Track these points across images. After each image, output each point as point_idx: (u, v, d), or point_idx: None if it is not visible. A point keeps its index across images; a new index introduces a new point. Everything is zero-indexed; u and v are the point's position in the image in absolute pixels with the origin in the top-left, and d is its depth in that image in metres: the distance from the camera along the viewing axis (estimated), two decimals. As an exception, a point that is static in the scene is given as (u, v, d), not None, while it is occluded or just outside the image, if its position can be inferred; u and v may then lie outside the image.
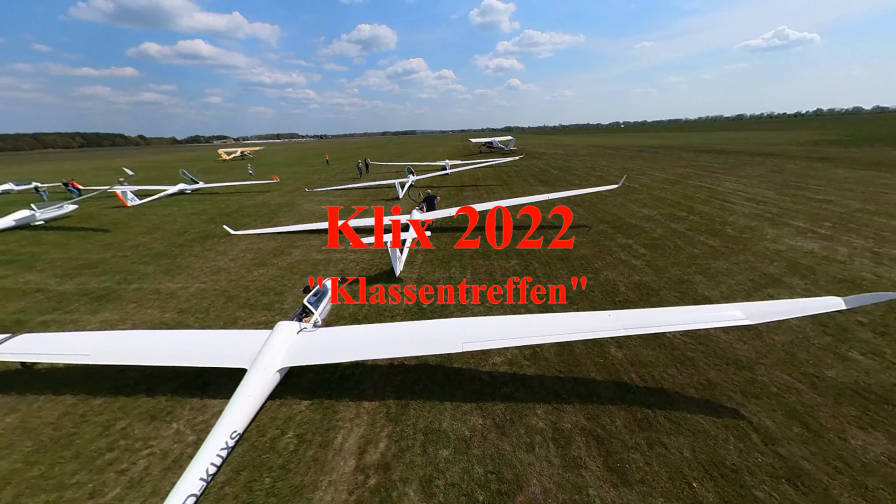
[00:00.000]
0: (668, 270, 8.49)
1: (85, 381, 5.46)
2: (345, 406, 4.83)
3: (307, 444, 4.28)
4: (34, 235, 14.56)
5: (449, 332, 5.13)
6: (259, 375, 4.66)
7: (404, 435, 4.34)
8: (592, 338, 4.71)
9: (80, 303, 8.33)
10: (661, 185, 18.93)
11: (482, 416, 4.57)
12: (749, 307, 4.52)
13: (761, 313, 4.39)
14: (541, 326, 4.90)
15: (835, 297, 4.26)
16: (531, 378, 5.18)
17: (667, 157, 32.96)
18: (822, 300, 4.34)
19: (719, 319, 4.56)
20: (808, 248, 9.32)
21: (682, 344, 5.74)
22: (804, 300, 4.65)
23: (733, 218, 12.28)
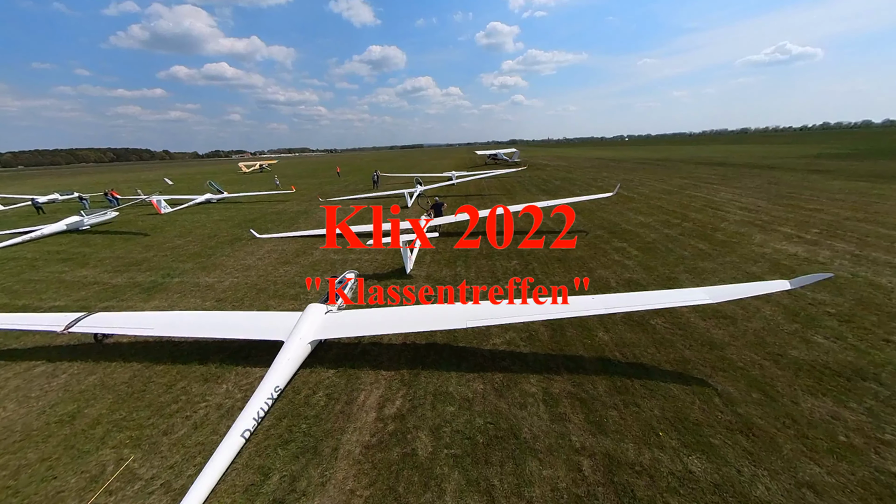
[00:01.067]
0: (657, 270, 9.16)
1: (147, 353, 6.47)
2: (365, 374, 5.67)
3: (335, 401, 5.11)
4: (83, 238, 16.16)
5: (455, 313, 5.95)
6: (295, 345, 5.58)
7: (416, 395, 5.13)
8: (579, 315, 5.44)
9: (133, 293, 9.50)
10: (658, 195, 19.60)
11: (483, 382, 5.33)
12: (711, 290, 5.24)
13: (720, 294, 5.10)
14: (534, 308, 5.68)
15: (782, 280, 4.96)
16: (526, 355, 5.93)
17: (667, 169, 33.58)
18: (771, 283, 5.03)
19: (686, 300, 5.27)
20: (791, 251, 9.86)
21: (663, 329, 6.41)
22: (756, 283, 5.30)
23: (724, 224, 12.87)
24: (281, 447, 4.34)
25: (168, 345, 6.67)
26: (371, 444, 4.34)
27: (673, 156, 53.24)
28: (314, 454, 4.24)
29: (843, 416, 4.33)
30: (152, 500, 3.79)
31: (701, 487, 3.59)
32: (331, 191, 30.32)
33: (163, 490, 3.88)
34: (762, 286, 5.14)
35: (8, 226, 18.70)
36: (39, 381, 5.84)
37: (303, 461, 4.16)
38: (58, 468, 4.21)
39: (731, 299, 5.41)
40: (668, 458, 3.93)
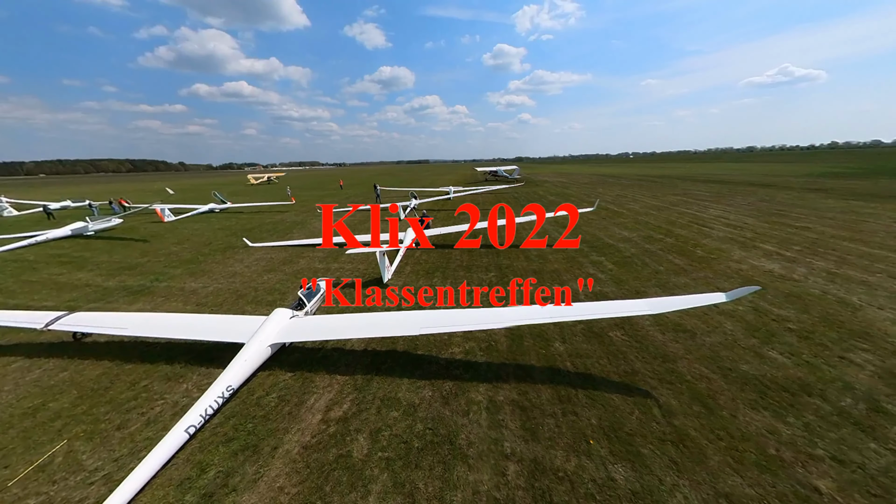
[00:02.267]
0: (628, 283, 9.24)
1: (120, 352, 6.74)
2: (321, 378, 5.82)
3: (286, 402, 5.26)
4: (86, 243, 16.89)
5: (411, 320, 6.13)
6: (254, 347, 5.80)
7: (365, 400, 5.25)
8: (529, 323, 5.56)
9: (120, 295, 9.90)
10: (647, 211, 19.74)
11: (432, 390, 5.43)
12: (652, 301, 5.34)
13: (660, 305, 5.20)
14: (488, 316, 5.83)
15: (718, 293, 5.06)
16: (480, 364, 6.02)
17: (663, 186, 33.79)
18: (709, 295, 5.13)
19: (629, 310, 5.36)
20: (768, 268, 9.85)
21: (621, 341, 6.46)
22: (695, 295, 5.38)
23: (706, 241, 12.91)
24: (223, 444, 4.49)
25: (141, 345, 6.94)
26: (309, 445, 4.46)
27: (673, 173, 53.56)
28: (253, 452, 4.37)
29: (778, 430, 4.32)
30: (91, 490, 3.94)
31: (619, 495, 3.62)
32: (331, 203, 31.17)
33: (103, 481, 4.04)
34: (700, 298, 5.23)
35: (18, 229, 19.63)
36: (14, 376, 6.12)
37: (241, 458, 4.29)
38: (11, 457, 4.41)
39: (670, 311, 5.48)
40: (594, 465, 3.97)
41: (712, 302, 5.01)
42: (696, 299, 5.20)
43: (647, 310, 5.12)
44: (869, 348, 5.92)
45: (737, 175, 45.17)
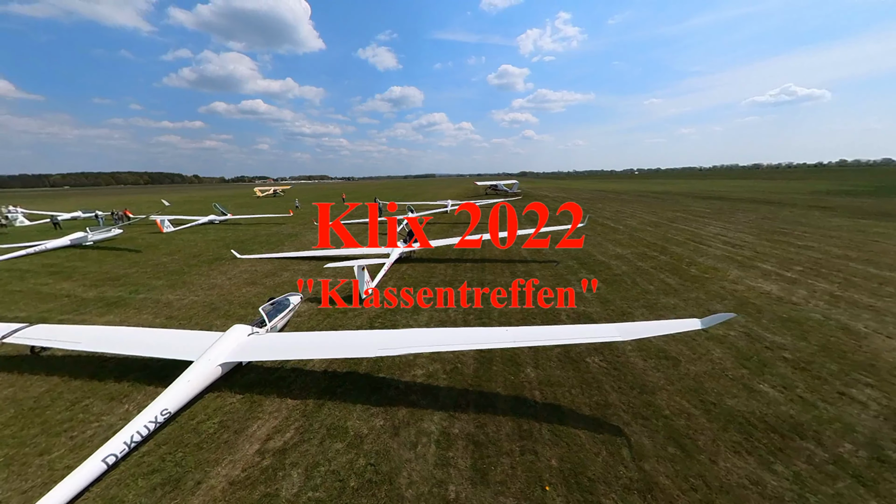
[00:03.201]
0: (614, 304, 8.75)
1: (73, 368, 6.49)
2: (271, 401, 5.44)
3: (226, 429, 4.88)
4: (82, 253, 17.09)
5: (371, 340, 5.77)
6: (202, 366, 5.48)
7: (311, 429, 4.84)
8: (487, 348, 5.14)
9: (95, 307, 9.77)
10: (644, 227, 19.27)
11: (385, 418, 5.00)
12: (623, 326, 4.90)
13: (631, 331, 4.76)
14: (446, 338, 5.45)
15: (693, 319, 4.61)
16: (441, 389, 5.58)
17: (663, 202, 33.32)
18: (683, 321, 4.67)
19: (597, 336, 4.92)
20: (765, 290, 9.27)
21: (597, 367, 5.97)
22: (669, 321, 4.91)
23: (702, 259, 12.37)
24: (144, 477, 4.11)
25: (97, 360, 6.68)
26: (237, 480, 4.05)
27: (675, 189, 53.07)
28: (174, 487, 3.98)
29: (763, 481, 3.76)
30: (-14, 528, 3.58)
31: (567, 559, 3.10)
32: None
33: (2, 517, 3.68)
34: (674, 324, 4.78)
35: (26, 239, 20.06)
36: (-42, 392, 5.89)
37: (159, 494, 3.89)
38: (-82, 485, 4.09)
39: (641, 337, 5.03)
40: (545, 519, 3.47)
41: (686, 329, 4.57)
42: (670, 325, 4.76)
43: (616, 336, 4.68)
44: (874, 383, 5.32)
45: (740, 192, 44.48)
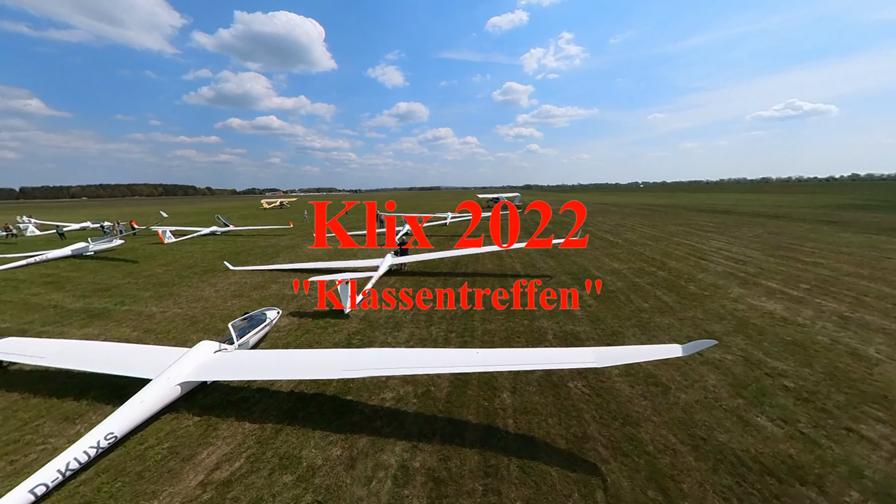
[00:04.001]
0: (605, 322, 8.31)
1: (37, 383, 6.30)
2: (228, 425, 5.13)
3: (174, 455, 4.58)
4: (81, 263, 17.31)
5: (335, 361, 5.48)
6: (158, 386, 5.24)
7: (263, 457, 4.51)
8: (455, 372, 4.80)
9: (77, 318, 9.69)
10: (644, 241, 18.79)
11: (343, 447, 4.64)
12: (599, 351, 4.52)
13: (609, 357, 4.37)
14: (412, 360, 5.12)
15: (674, 345, 4.21)
16: (409, 415, 5.21)
17: (666, 215, 32.75)
18: (664, 347, 4.28)
19: (572, 361, 4.54)
20: (768, 309, 8.72)
21: (579, 394, 5.53)
22: (650, 347, 4.51)
23: (703, 276, 11.85)
24: (73, 511, 3.81)
25: (63, 375, 6.50)
26: (171, 517, 3.72)
27: (679, 202, 52.42)
28: (102, 524, 3.66)
29: (755, 537, 3.29)
30: None
31: None
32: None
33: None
34: (653, 351, 4.39)
35: (31, 249, 20.51)
36: (-85, 408, 5.72)
37: (83, 532, 3.58)
38: None
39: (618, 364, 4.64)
40: (499, 577, 3.04)
41: (666, 355, 4.19)
42: (650, 351, 4.38)
43: (591, 362, 4.31)
44: (886, 418, 4.79)
45: (747, 205, 43.63)
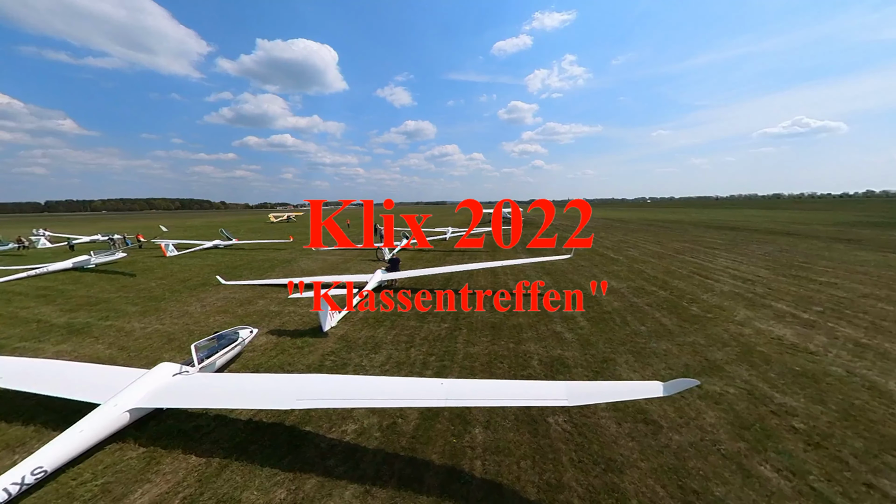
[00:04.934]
0: (596, 347, 7.74)
1: None
2: (172, 458, 4.74)
3: (105, 495, 4.19)
4: (79, 276, 17.49)
5: (290, 388, 5.07)
6: (104, 413, 4.91)
7: (200, 499, 4.08)
8: (415, 406, 4.35)
9: (57, 334, 9.55)
10: (646, 259, 18.13)
11: (289, 489, 4.19)
12: (573, 387, 4.03)
13: (582, 394, 3.89)
14: (372, 389, 4.70)
15: (655, 382, 3.72)
16: (367, 453, 4.73)
17: (671, 232, 31.94)
18: (644, 385, 3.78)
19: (542, 397, 4.05)
20: (777, 334, 8.03)
21: (559, 431, 4.98)
22: (629, 384, 4.01)
23: (707, 296, 11.17)
24: (-24, 560, 3.42)
25: (21, 396, 6.22)
26: (78, 573, 3.29)
27: (687, 218, 51.40)
28: (2, 579, 3.26)
29: None
30: None
31: None
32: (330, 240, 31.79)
33: None
34: (631, 389, 3.89)
35: (40, 261, 20.93)
36: None
37: (-22, 589, 3.18)
38: None
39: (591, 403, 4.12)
40: None
41: (647, 395, 3.69)
42: (628, 389, 3.89)
43: (563, 399, 3.82)
44: (915, 471, 4.11)
45: (757, 222, 42.45)
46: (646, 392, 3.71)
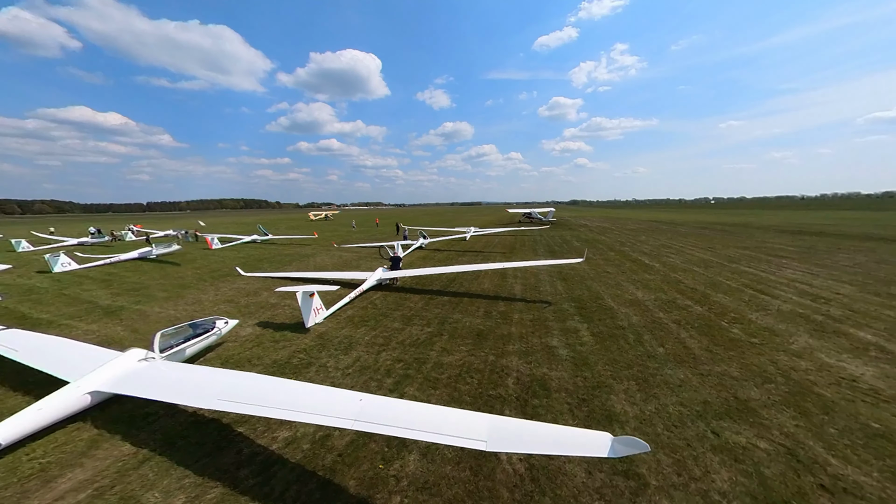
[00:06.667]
0: (593, 368, 6.42)
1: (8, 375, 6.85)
2: (110, 445, 4.78)
3: (43, 473, 4.30)
4: (140, 265, 20.15)
5: (218, 384, 4.80)
6: (67, 392, 5.15)
7: (104, 495, 3.98)
8: (322, 423, 3.74)
9: (95, 315, 10.85)
10: (688, 267, 15.32)
11: (189, 496, 3.90)
12: (499, 426, 3.04)
13: (506, 437, 2.91)
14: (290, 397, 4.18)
15: (605, 435, 2.59)
16: (284, 467, 4.28)
17: (730, 236, 27.01)
18: (591, 436, 2.66)
19: (457, 433, 3.15)
20: (850, 372, 5.89)
21: (508, 474, 4.02)
22: (571, 430, 2.84)
23: (756, 315, 8.84)
24: None
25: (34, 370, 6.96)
26: (-30, 556, 3.31)
27: (756, 221, 43.59)
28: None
29: None
30: None
31: None
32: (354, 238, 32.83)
33: None
34: (570, 439, 2.77)
35: (124, 252, 24.66)
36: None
37: None
38: None
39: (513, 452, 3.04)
40: None
41: (587, 453, 2.62)
42: (565, 440, 2.82)
43: (480, 439, 2.89)
44: None
45: (851, 225, 34.26)
46: (583, 448, 2.65)
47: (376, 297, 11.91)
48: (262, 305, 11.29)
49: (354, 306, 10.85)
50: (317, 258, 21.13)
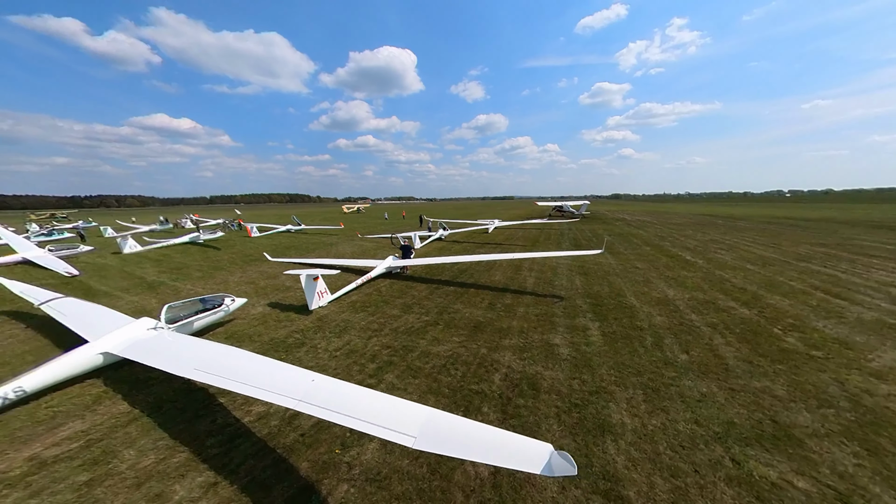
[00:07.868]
0: (596, 371, 5.64)
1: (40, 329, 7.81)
2: (112, 403, 5.19)
3: (51, 420, 4.78)
4: (189, 248, 22.47)
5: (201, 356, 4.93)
6: (83, 351, 5.71)
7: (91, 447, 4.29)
8: (271, 401, 3.58)
9: (140, 288, 12.20)
10: (741, 264, 13.10)
11: (158, 458, 4.06)
12: (433, 420, 2.59)
13: (435, 436, 2.45)
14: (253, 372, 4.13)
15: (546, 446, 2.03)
16: (249, 440, 4.29)
17: (806, 232, 22.82)
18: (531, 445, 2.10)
19: (387, 424, 2.76)
20: (953, 404, 4.42)
21: (469, 478, 3.61)
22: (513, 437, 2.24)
23: (824, 323, 7.18)
24: (-60, 451, 4.22)
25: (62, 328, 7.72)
26: (-26, 486, 3.72)
27: (842, 216, 36.64)
28: (-61, 472, 3.91)
29: None
30: None
31: None
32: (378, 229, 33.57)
33: None
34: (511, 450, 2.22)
35: (177, 236, 27.94)
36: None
37: (-78, 475, 3.88)
38: None
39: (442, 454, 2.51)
40: None
41: (519, 466, 2.10)
42: (501, 449, 2.30)
43: (409, 435, 2.50)
44: None
45: None
46: (519, 460, 2.13)
47: (383, 284, 11.90)
48: (278, 288, 11.84)
49: (360, 292, 10.92)
50: (338, 247, 21.88)
